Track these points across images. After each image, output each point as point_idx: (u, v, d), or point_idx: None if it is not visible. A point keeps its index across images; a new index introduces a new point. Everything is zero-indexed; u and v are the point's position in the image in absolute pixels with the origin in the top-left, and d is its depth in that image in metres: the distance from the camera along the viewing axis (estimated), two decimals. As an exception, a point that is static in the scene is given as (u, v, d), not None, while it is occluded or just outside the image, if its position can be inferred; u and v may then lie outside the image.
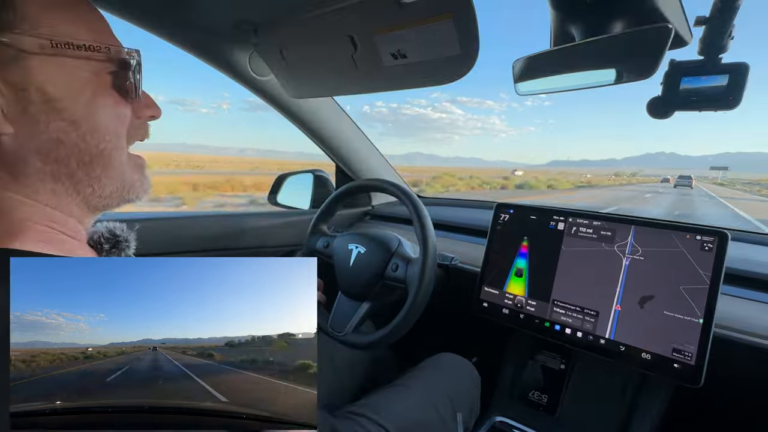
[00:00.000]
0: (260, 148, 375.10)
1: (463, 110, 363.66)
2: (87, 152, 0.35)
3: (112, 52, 0.35)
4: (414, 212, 0.80)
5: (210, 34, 0.84)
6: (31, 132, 0.32)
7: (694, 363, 0.61)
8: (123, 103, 0.37)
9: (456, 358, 0.88)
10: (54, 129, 0.33)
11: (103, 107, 0.35)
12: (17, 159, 0.32)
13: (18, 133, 0.31)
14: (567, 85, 0.62)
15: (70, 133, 0.33)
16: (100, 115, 0.35)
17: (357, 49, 0.74)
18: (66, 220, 0.36)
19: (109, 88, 0.36)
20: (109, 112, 0.36)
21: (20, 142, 0.31)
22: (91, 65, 0.34)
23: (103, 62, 0.35)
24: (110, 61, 0.35)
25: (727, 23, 0.48)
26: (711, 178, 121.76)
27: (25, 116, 0.31)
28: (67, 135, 0.33)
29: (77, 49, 0.33)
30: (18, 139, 0.31)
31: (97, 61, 0.35)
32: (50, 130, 0.32)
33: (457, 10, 0.59)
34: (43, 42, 0.31)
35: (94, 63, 0.34)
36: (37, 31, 0.31)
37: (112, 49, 0.35)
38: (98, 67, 0.35)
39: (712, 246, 0.64)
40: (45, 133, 0.32)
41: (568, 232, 0.78)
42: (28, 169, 0.32)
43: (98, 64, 0.35)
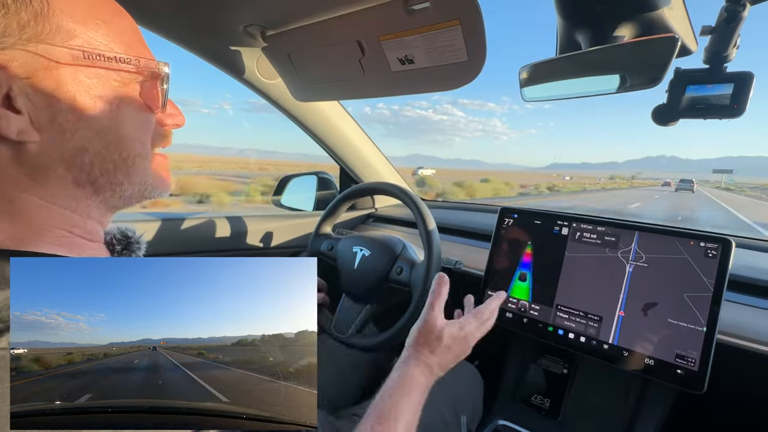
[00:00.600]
0: (261, 149, 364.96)
1: (465, 112, 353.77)
2: (110, 160, 0.35)
3: (141, 63, 0.35)
4: (418, 215, 0.80)
5: (219, 37, 0.85)
6: (57, 140, 0.32)
7: (697, 369, 0.61)
8: (148, 113, 0.38)
9: (459, 361, 0.88)
10: (80, 138, 0.33)
11: (129, 117, 0.36)
12: (41, 165, 0.32)
13: (44, 141, 0.31)
14: (572, 92, 0.62)
15: (94, 141, 0.33)
16: (126, 125, 0.35)
17: (365, 54, 0.75)
18: (85, 222, 0.36)
19: (136, 98, 0.36)
20: (134, 122, 0.36)
21: (46, 150, 0.32)
22: (121, 76, 0.35)
23: (133, 73, 0.35)
24: (140, 72, 0.36)
25: (733, 33, 0.49)
26: (713, 182, 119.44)
27: (52, 125, 0.31)
28: (91, 143, 0.33)
29: (109, 60, 0.33)
30: (44, 147, 0.31)
31: (127, 72, 0.35)
32: (76, 138, 0.32)
33: (465, 17, 0.60)
34: (75, 53, 0.31)
35: (123, 74, 0.35)
36: (72, 42, 0.31)
37: (141, 61, 0.35)
38: (127, 78, 0.35)
39: (716, 253, 0.64)
40: (70, 142, 0.32)
41: (572, 237, 0.79)
42: (51, 176, 0.33)
43: (128, 75, 0.35)
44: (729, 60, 0.51)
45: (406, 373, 0.53)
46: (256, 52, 0.92)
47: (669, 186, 57.41)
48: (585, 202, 23.41)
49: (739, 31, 0.49)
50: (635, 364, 0.67)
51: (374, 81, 0.81)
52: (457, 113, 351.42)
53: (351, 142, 1.26)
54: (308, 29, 0.75)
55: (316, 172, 1.43)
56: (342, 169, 1.37)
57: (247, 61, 0.95)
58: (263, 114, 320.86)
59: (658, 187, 61.68)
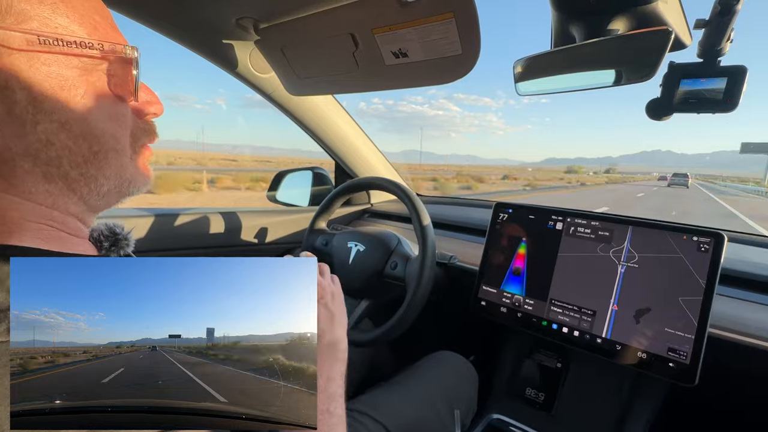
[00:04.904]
0: (255, 145, 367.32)
1: (460, 107, 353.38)
2: (79, 154, 0.32)
3: (107, 47, 0.32)
4: (413, 210, 0.80)
5: (211, 30, 0.84)
6: (17, 133, 0.29)
7: (689, 362, 0.62)
8: (120, 103, 0.35)
9: (454, 356, 0.89)
10: (42, 130, 0.30)
11: (98, 108, 0.33)
12: (4, 160, 0.30)
13: (4, 135, 0.29)
14: (567, 86, 0.62)
15: (60, 134, 0.31)
16: (94, 116, 0.32)
17: (358, 48, 0.74)
18: (65, 218, 0.34)
19: (103, 86, 0.33)
20: (103, 113, 0.33)
21: (6, 144, 0.29)
22: (84, 63, 0.32)
23: (98, 59, 0.32)
24: (105, 57, 0.32)
25: (726, 26, 0.48)
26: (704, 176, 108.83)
27: (10, 117, 0.29)
28: (56, 137, 0.31)
29: (68, 45, 0.30)
30: (3, 140, 0.29)
31: (90, 58, 0.32)
32: (38, 131, 0.30)
33: (458, 10, 0.60)
34: (30, 37, 0.28)
35: (87, 60, 0.32)
36: (25, 25, 0.28)
37: (106, 45, 0.32)
38: (92, 64, 0.32)
39: (708, 247, 0.65)
40: (32, 134, 0.30)
41: (566, 232, 0.79)
42: (17, 171, 0.30)
43: (91, 61, 0.32)
44: (723, 54, 0.51)
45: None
46: (249, 45, 0.91)
47: (665, 180, 52.80)
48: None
49: (733, 25, 0.49)
50: (628, 358, 0.67)
51: (368, 75, 0.81)
52: (452, 108, 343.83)
53: (346, 136, 1.26)
54: (301, 22, 0.75)
55: (312, 167, 1.43)
56: (337, 164, 1.36)
57: (240, 55, 0.94)
58: (256, 109, 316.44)
59: (653, 182, 57.58)
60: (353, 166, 1.33)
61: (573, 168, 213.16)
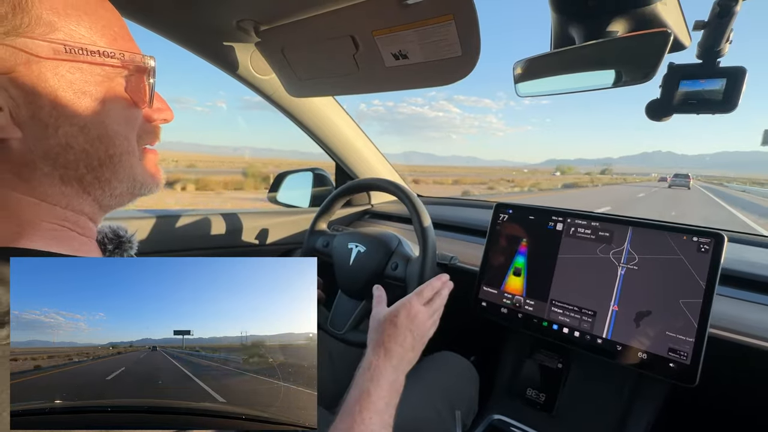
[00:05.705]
0: (256, 147, 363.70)
1: (461, 109, 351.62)
2: (95, 157, 0.34)
3: (126, 57, 0.34)
4: (414, 211, 0.80)
5: (212, 33, 0.84)
6: (39, 136, 0.31)
7: (689, 363, 0.62)
8: (133, 108, 0.37)
9: (455, 356, 0.89)
10: (63, 134, 0.32)
11: (115, 113, 0.35)
12: (25, 163, 0.31)
13: (26, 138, 0.31)
14: (567, 87, 0.62)
15: (79, 138, 0.33)
16: (111, 121, 0.34)
17: (358, 49, 0.74)
18: (77, 218, 0.36)
19: (121, 93, 0.35)
20: (120, 118, 0.35)
21: (28, 146, 0.31)
22: (105, 71, 0.34)
23: (117, 68, 0.34)
24: (124, 66, 0.35)
25: (725, 28, 0.49)
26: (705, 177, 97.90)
27: (34, 121, 0.31)
28: (76, 140, 0.33)
29: (92, 54, 0.32)
30: (26, 143, 0.31)
31: (111, 66, 0.34)
32: (59, 135, 0.32)
33: (459, 11, 0.60)
34: (56, 47, 0.30)
35: (108, 69, 0.34)
36: (52, 35, 0.30)
37: (126, 55, 0.34)
38: (112, 72, 0.34)
39: (708, 247, 0.65)
40: (53, 138, 0.32)
41: (566, 232, 0.79)
42: (37, 173, 0.32)
43: (112, 69, 0.34)
44: (722, 55, 0.51)
45: (370, 364, 0.54)
46: (250, 47, 0.91)
47: (666, 181, 51.63)
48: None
49: (732, 26, 0.49)
50: (628, 359, 0.67)
51: (368, 76, 0.81)
52: (453, 110, 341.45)
53: (346, 138, 1.26)
54: (302, 24, 0.75)
55: (312, 168, 1.43)
56: (337, 165, 1.36)
57: (241, 57, 0.94)
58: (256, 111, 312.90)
59: (652, 183, 55.76)
60: (353, 167, 1.33)
61: (561, 168, 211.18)
